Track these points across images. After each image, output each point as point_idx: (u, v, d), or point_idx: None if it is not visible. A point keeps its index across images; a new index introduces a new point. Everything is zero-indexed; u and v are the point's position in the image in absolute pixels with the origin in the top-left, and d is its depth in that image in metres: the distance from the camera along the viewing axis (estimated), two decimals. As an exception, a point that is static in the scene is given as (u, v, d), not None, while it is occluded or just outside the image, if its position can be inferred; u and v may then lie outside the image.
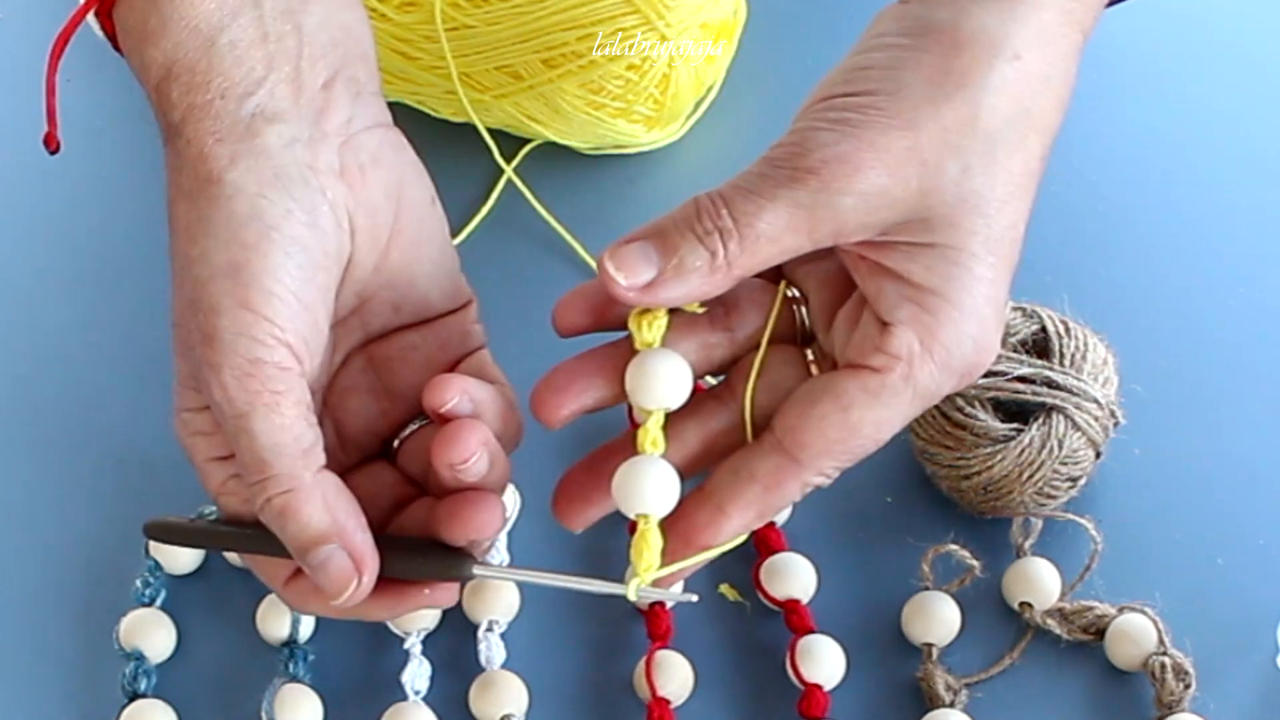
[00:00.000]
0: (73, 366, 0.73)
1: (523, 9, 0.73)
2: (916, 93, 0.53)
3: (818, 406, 0.55)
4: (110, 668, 0.65)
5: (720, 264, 0.53)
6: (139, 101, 0.58)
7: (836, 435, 0.55)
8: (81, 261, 0.77)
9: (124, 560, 0.67)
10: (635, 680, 0.64)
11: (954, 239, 0.53)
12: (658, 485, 0.55)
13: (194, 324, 0.54)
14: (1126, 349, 0.67)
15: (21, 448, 0.71)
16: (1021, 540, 0.66)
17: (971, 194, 0.53)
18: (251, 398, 0.54)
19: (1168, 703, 0.62)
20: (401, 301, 0.59)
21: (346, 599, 0.55)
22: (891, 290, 0.54)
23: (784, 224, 0.53)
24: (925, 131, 0.52)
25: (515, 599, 0.66)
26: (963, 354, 0.54)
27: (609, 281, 0.54)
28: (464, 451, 0.55)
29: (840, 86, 0.54)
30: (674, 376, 0.56)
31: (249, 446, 0.54)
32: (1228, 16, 0.83)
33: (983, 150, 0.53)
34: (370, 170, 0.56)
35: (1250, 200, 0.77)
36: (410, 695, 0.64)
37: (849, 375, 0.55)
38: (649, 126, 0.78)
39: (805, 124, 0.54)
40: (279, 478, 0.54)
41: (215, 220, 0.54)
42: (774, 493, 0.55)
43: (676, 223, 0.54)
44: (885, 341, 0.54)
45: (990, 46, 0.53)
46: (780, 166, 0.53)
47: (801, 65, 0.81)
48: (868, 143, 0.52)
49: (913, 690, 0.64)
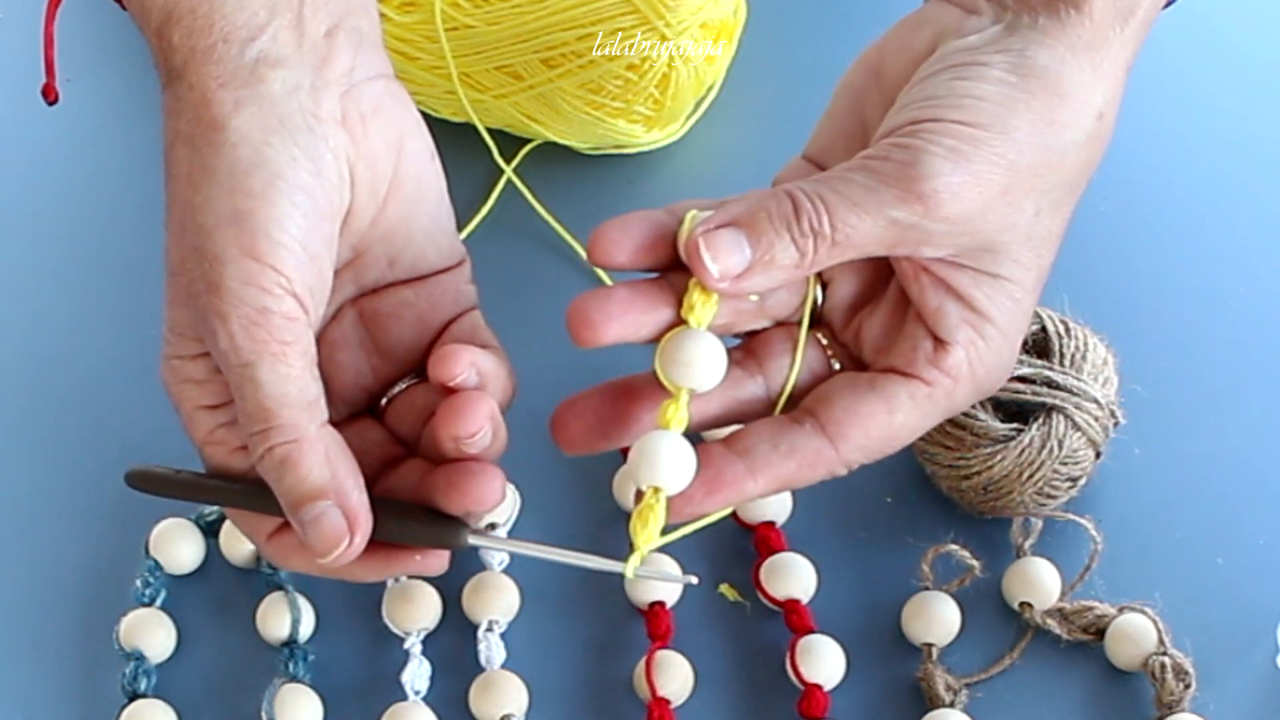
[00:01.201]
0: (73, 367, 0.73)
1: (523, 9, 0.73)
2: (1024, 137, 0.54)
3: (866, 405, 0.56)
4: (110, 668, 0.65)
5: (806, 263, 0.54)
6: (139, 101, 0.58)
7: (879, 434, 0.56)
8: (82, 262, 0.77)
9: (124, 560, 0.67)
10: (635, 680, 0.64)
11: (1014, 274, 0.56)
12: (677, 462, 0.55)
13: (198, 272, 0.54)
14: (1126, 349, 0.67)
15: (22, 448, 0.71)
16: (1021, 540, 0.66)
17: (1036, 234, 0.56)
18: (259, 347, 0.53)
19: (1168, 703, 0.62)
20: (397, 256, 0.59)
21: (335, 558, 0.55)
22: (954, 311, 0.56)
23: (878, 237, 0.54)
24: (1020, 175, 0.54)
25: (515, 599, 0.66)
26: (993, 376, 0.57)
27: (700, 267, 0.54)
28: (472, 425, 0.55)
29: (954, 112, 0.54)
30: (712, 360, 0.56)
31: (254, 395, 0.54)
32: (1228, 18, 0.83)
33: (1054, 198, 0.56)
34: (372, 120, 0.56)
35: (1250, 200, 0.77)
36: (410, 695, 0.64)
37: (899, 382, 0.56)
38: (649, 126, 0.78)
39: (918, 143, 0.54)
40: (283, 428, 0.54)
41: (219, 167, 0.54)
42: (804, 472, 0.56)
43: (772, 216, 0.54)
44: (941, 359, 0.56)
45: (1086, 103, 0.55)
46: (889, 182, 0.54)
47: (801, 65, 0.82)
48: (974, 176, 0.54)
49: (913, 690, 0.64)
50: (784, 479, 0.56)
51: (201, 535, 0.68)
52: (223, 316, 0.53)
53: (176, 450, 0.68)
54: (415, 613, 0.65)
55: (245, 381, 0.54)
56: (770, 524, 0.67)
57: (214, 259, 0.54)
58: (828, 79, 0.82)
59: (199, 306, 0.54)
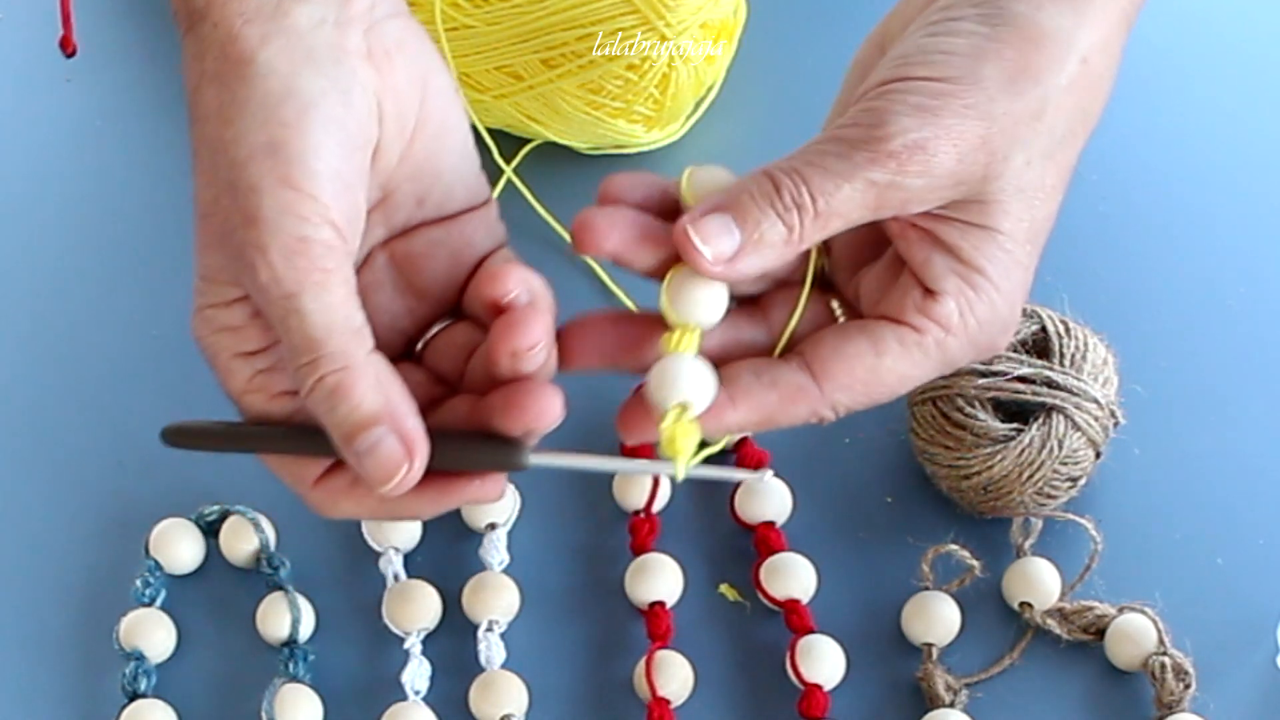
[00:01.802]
0: (74, 367, 0.73)
1: (523, 9, 0.73)
2: (994, 86, 0.54)
3: (853, 345, 0.56)
4: (110, 668, 0.65)
5: (795, 238, 0.55)
6: (138, 100, 0.58)
7: (863, 376, 0.56)
8: (84, 261, 0.77)
9: (124, 560, 0.67)
10: (635, 680, 0.64)
11: (1004, 225, 0.56)
12: (700, 379, 0.55)
13: (233, 208, 0.53)
14: (1126, 349, 0.67)
15: (22, 447, 0.71)
16: (1021, 540, 0.66)
17: (1027, 184, 0.56)
18: (301, 276, 0.53)
19: (1168, 703, 0.62)
20: (425, 194, 0.58)
21: (394, 486, 0.54)
22: (940, 262, 0.56)
23: (858, 201, 0.54)
24: (998, 123, 0.54)
25: (515, 599, 0.66)
26: (990, 331, 0.57)
27: (692, 253, 0.54)
28: (531, 337, 0.55)
29: (920, 69, 0.55)
30: (715, 296, 0.56)
31: (299, 327, 0.53)
32: (1228, 17, 0.83)
33: (1043, 145, 0.55)
34: (396, 56, 0.56)
35: (1250, 200, 0.77)
36: (410, 695, 0.64)
37: (887, 326, 0.56)
38: (649, 126, 0.78)
39: (883, 104, 0.54)
40: (332, 355, 0.53)
41: (251, 100, 0.53)
42: (785, 407, 0.56)
43: (755, 197, 0.55)
44: (929, 306, 0.56)
45: (1065, 46, 0.55)
46: (859, 147, 0.54)
47: (801, 65, 0.82)
48: (945, 129, 0.54)
49: (913, 690, 0.64)
50: (764, 410, 0.56)
51: (201, 535, 0.68)
52: (262, 248, 0.53)
53: (177, 452, 0.69)
54: (415, 613, 0.65)
55: (289, 314, 0.53)
56: (770, 524, 0.67)
57: (249, 190, 0.53)
58: (828, 79, 0.82)
59: (235, 244, 0.53)
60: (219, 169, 0.54)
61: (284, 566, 0.66)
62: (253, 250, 0.53)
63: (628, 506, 0.68)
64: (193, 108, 0.55)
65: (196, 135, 0.55)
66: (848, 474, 0.69)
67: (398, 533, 0.67)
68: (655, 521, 0.67)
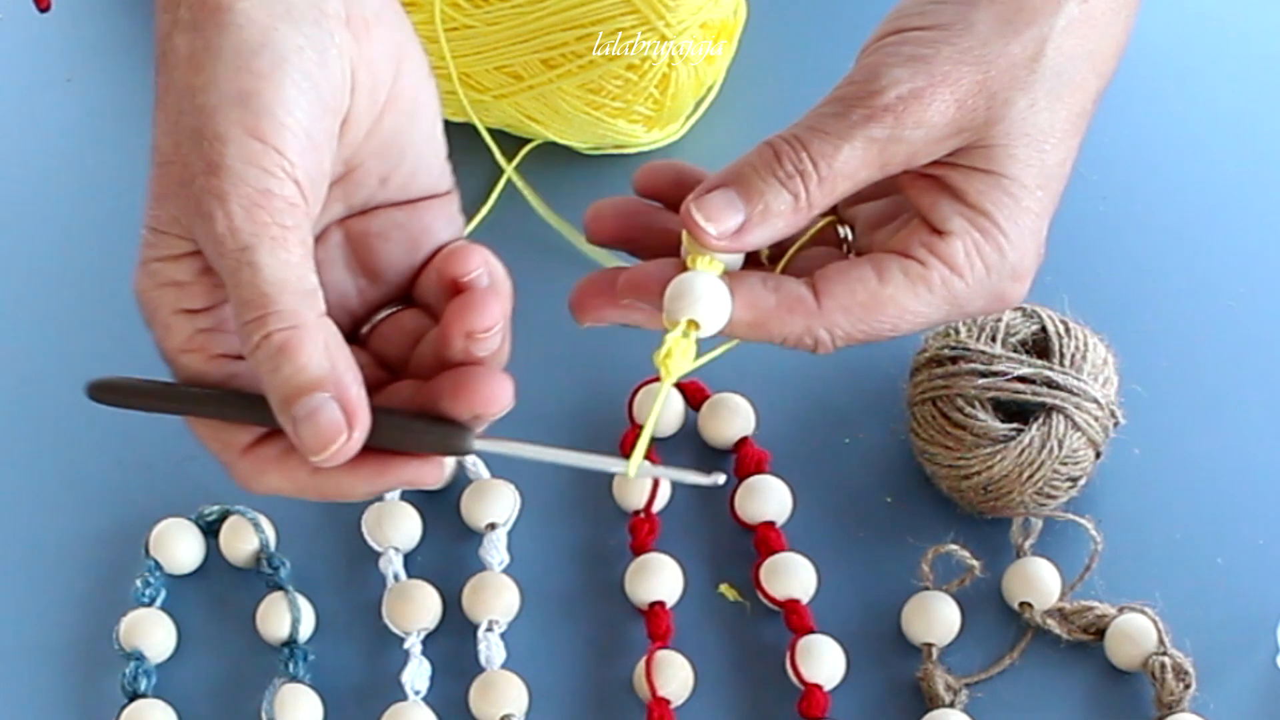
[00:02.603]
0: (73, 366, 0.73)
1: (523, 9, 0.73)
2: (987, 29, 0.54)
3: (857, 269, 0.56)
4: (110, 668, 0.65)
5: (803, 205, 0.55)
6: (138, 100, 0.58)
7: (863, 299, 0.56)
8: (82, 261, 0.77)
9: (124, 560, 0.67)
10: (635, 680, 0.64)
11: (1011, 170, 0.55)
12: (716, 299, 0.55)
13: (195, 155, 0.52)
14: (1126, 349, 0.67)
15: (22, 447, 0.71)
16: (1021, 540, 0.66)
17: (1034, 128, 0.55)
18: (258, 229, 0.51)
19: (1168, 703, 0.62)
20: (390, 173, 0.57)
21: (329, 455, 0.52)
22: (946, 205, 0.56)
23: (860, 160, 0.54)
24: (995, 67, 0.54)
25: (515, 599, 0.66)
26: (999, 277, 0.56)
27: (697, 231, 0.55)
28: (488, 319, 0.55)
29: (913, 19, 0.55)
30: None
31: (251, 281, 0.52)
32: (1228, 17, 0.83)
33: (1048, 88, 0.55)
34: (374, 26, 0.55)
35: (1250, 201, 0.77)
36: (410, 695, 0.64)
37: (893, 257, 0.56)
38: (649, 126, 0.78)
39: (876, 59, 0.55)
40: (281, 314, 0.52)
41: (225, 48, 0.52)
42: (781, 316, 0.56)
43: (756, 168, 0.55)
44: (935, 243, 0.56)
45: None
46: (854, 105, 0.54)
47: (801, 65, 0.82)
48: (940, 77, 0.54)
49: (913, 690, 0.64)
50: (761, 310, 0.56)
51: (201, 535, 0.68)
52: (222, 197, 0.51)
53: (177, 449, 0.69)
54: (415, 613, 0.65)
55: (242, 267, 0.52)
56: (770, 524, 0.67)
57: (215, 139, 0.52)
58: (828, 79, 0.82)
59: (193, 192, 0.52)
60: (184, 115, 0.53)
61: (284, 566, 0.66)
62: (212, 199, 0.52)
63: (628, 506, 0.68)
64: (161, 56, 0.54)
65: (162, 83, 0.54)
66: (848, 474, 0.68)
67: (398, 533, 0.67)
68: (655, 521, 0.67)
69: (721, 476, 0.56)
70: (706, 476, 0.55)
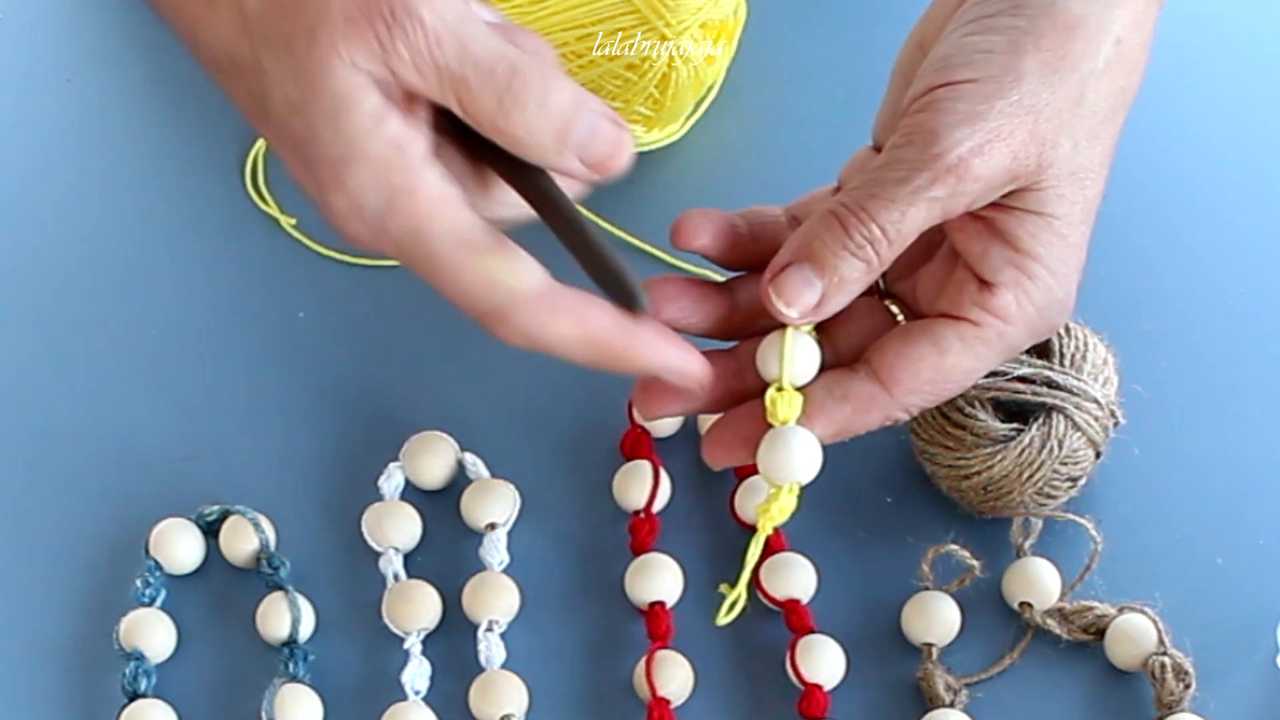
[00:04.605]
0: (73, 366, 0.73)
1: (523, 9, 0.73)
2: (1035, 79, 0.56)
3: (916, 348, 0.58)
4: (110, 668, 0.65)
5: (874, 268, 0.57)
6: (138, 100, 0.58)
7: (930, 376, 0.58)
8: (82, 261, 0.77)
9: (124, 560, 0.67)
10: (635, 680, 0.64)
11: (1059, 209, 0.57)
12: (810, 451, 0.58)
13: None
14: (1126, 349, 0.67)
15: (22, 448, 0.71)
16: (1021, 540, 0.66)
17: (1078, 167, 0.57)
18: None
19: (1168, 703, 0.62)
20: None
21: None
22: (997, 253, 0.58)
23: (924, 219, 0.56)
24: (1043, 115, 0.56)
25: (515, 599, 0.66)
26: (1048, 316, 0.59)
27: (778, 314, 0.57)
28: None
29: (963, 70, 0.56)
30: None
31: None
32: (1227, 17, 0.83)
33: (1087, 128, 0.57)
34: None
35: (1251, 200, 0.76)
36: (410, 695, 0.64)
37: (947, 324, 0.58)
38: (649, 126, 0.78)
39: (932, 117, 0.56)
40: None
41: None
42: (859, 416, 0.59)
43: (826, 242, 0.57)
44: (986, 300, 0.58)
45: (1099, 30, 0.57)
46: (918, 169, 0.56)
47: (801, 65, 0.81)
48: (995, 132, 0.55)
49: (913, 690, 0.64)
50: (840, 423, 0.59)
51: (201, 535, 0.68)
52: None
53: (177, 449, 0.69)
54: (415, 613, 0.65)
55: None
56: (770, 524, 0.67)
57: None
58: (828, 79, 0.82)
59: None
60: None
61: (284, 566, 0.66)
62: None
63: (628, 506, 0.68)
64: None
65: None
66: (848, 474, 0.68)
67: (398, 533, 0.67)
68: (655, 521, 0.67)
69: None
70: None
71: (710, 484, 0.69)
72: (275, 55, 0.52)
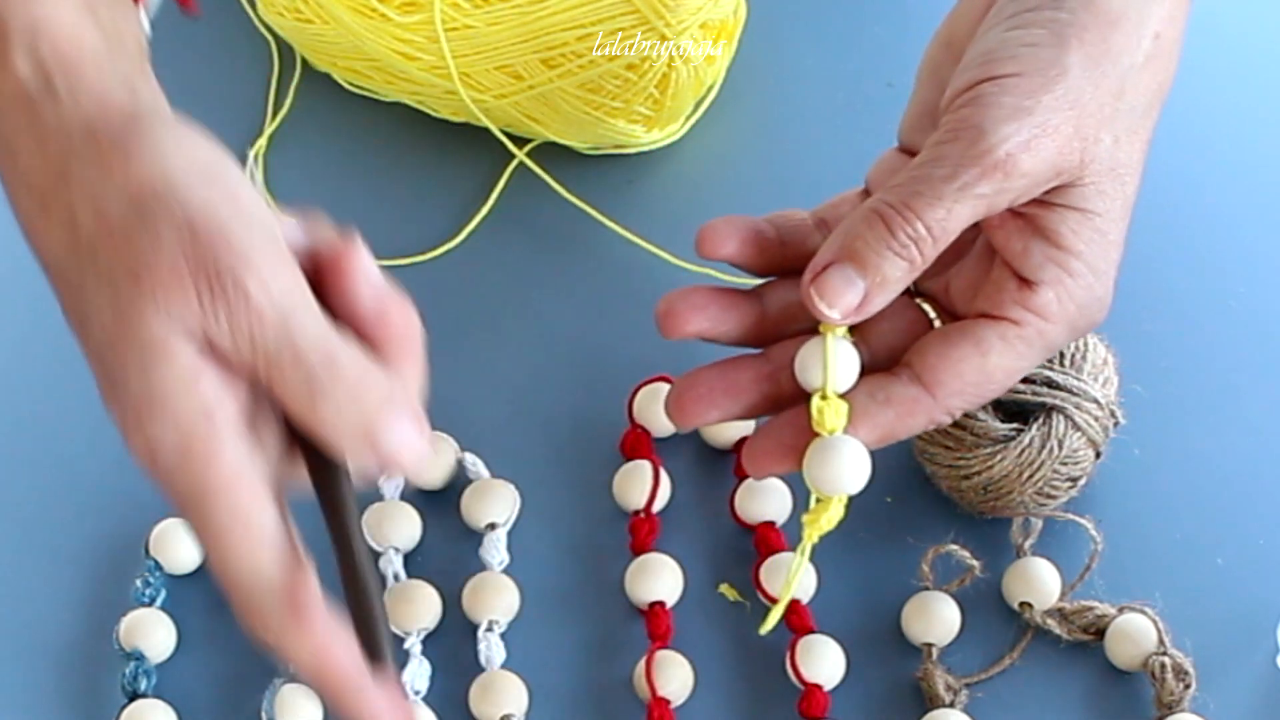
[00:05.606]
0: (73, 366, 0.73)
1: (523, 9, 0.73)
2: (1079, 72, 0.55)
3: (957, 349, 0.58)
4: (110, 668, 0.65)
5: (918, 266, 0.56)
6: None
7: (972, 378, 0.58)
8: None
9: (124, 560, 0.67)
10: (635, 680, 0.64)
11: (1100, 206, 0.57)
12: (859, 461, 0.58)
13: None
14: (1126, 349, 0.67)
15: (22, 447, 0.71)
16: (1021, 540, 0.66)
17: (1119, 163, 0.57)
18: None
19: (1168, 703, 0.62)
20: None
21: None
22: (1038, 250, 0.57)
23: (969, 216, 0.56)
24: (1086, 109, 0.56)
25: (515, 599, 0.66)
26: (1089, 313, 0.58)
27: (820, 315, 0.56)
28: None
29: (1008, 65, 0.56)
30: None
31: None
32: (1227, 17, 0.83)
33: (1126, 123, 0.57)
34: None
35: (1251, 201, 0.76)
36: (410, 695, 0.64)
37: (987, 324, 0.58)
38: (649, 126, 0.78)
39: (978, 111, 0.55)
40: None
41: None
42: (903, 420, 0.58)
43: (870, 242, 0.56)
44: (1027, 298, 0.57)
45: (1139, 24, 0.57)
46: (965, 165, 0.55)
47: (801, 65, 0.81)
48: (1041, 126, 0.55)
49: (913, 690, 0.64)
50: (885, 428, 0.58)
51: (201, 535, 0.68)
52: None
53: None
54: (415, 613, 0.65)
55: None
56: (770, 524, 0.67)
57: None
58: (828, 79, 0.82)
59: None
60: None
61: (284, 566, 0.66)
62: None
63: (628, 506, 0.68)
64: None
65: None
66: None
67: (398, 533, 0.67)
68: (655, 521, 0.67)
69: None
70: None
71: (710, 484, 0.69)
72: (98, 284, 0.50)
